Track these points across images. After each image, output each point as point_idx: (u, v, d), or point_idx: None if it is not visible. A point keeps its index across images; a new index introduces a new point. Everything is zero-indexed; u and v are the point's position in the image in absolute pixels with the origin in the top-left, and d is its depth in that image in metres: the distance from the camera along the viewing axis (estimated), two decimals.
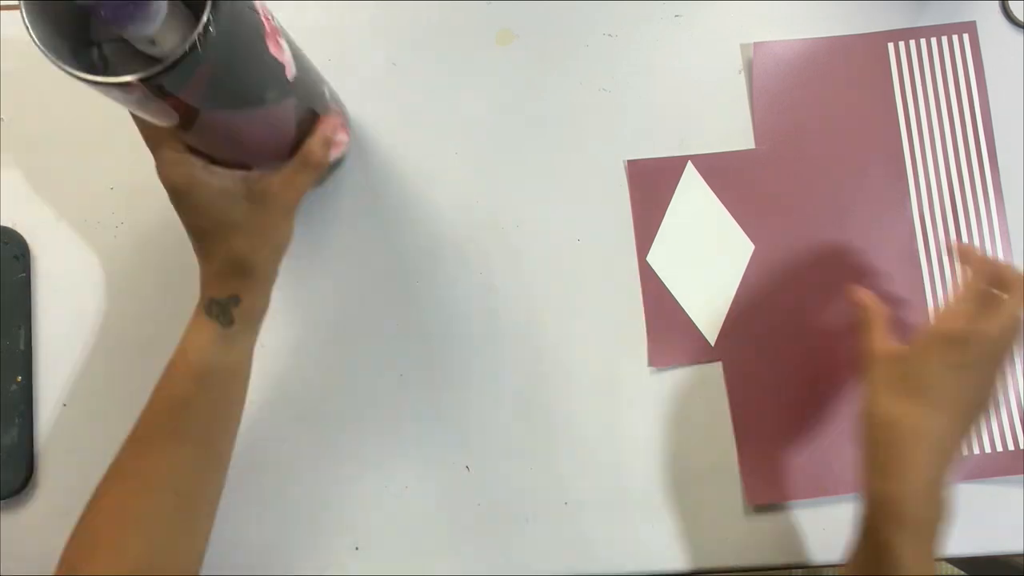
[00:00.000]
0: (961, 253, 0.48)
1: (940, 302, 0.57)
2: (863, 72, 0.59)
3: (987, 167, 0.58)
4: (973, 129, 0.58)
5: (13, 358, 0.56)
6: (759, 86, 0.58)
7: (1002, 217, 0.57)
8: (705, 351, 0.57)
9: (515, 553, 0.55)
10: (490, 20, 0.59)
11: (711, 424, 0.56)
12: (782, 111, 0.58)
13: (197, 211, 0.43)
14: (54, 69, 0.34)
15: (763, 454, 0.55)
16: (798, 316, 0.57)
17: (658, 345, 0.57)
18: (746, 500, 0.55)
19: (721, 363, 0.56)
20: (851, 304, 0.52)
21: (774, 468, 0.55)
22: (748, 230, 0.57)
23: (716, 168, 0.58)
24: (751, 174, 0.58)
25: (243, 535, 0.55)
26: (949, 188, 0.58)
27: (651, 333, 0.57)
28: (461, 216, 0.58)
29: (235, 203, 0.43)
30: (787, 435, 0.56)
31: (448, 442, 0.56)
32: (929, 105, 0.58)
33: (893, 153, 0.58)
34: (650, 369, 0.56)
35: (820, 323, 0.57)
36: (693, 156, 0.58)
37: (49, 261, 0.58)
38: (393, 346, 0.57)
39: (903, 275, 0.57)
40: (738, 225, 0.57)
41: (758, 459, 0.55)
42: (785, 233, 0.57)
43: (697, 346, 0.57)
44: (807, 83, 0.58)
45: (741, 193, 0.58)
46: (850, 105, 0.58)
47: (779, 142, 0.58)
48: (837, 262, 0.57)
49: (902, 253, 0.57)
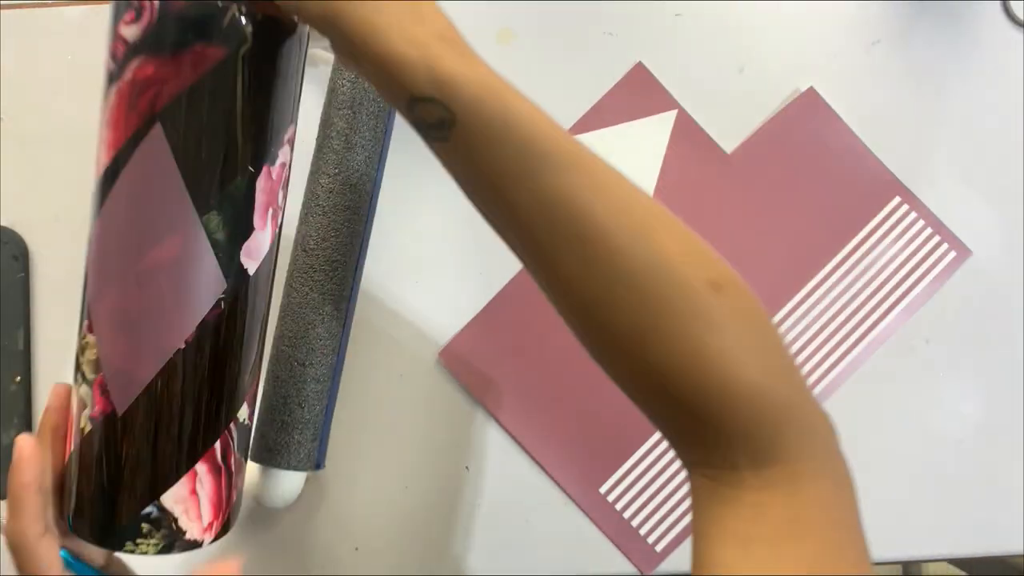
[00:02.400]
0: None
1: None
2: (860, 194, 0.58)
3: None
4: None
5: (12, 358, 0.56)
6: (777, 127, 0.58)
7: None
8: None
9: (515, 553, 0.55)
10: (490, 20, 0.59)
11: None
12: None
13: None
14: (54, 69, 0.33)
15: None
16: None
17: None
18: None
19: None
20: None
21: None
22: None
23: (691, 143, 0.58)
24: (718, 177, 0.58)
25: (244, 535, 0.55)
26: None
27: None
28: (461, 216, 0.58)
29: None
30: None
31: (448, 442, 0.56)
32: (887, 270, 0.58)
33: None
34: None
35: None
36: None
37: (48, 261, 0.58)
38: (393, 345, 0.57)
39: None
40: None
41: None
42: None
43: None
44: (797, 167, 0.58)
45: None
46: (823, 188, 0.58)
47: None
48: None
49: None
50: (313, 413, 0.46)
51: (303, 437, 0.47)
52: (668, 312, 0.30)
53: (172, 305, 0.36)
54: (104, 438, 0.37)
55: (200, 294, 0.36)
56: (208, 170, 0.35)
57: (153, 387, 0.36)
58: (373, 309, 0.57)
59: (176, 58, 0.34)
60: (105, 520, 0.37)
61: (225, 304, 0.37)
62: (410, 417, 0.56)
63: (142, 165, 0.35)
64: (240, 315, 0.38)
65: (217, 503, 0.39)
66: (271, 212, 0.38)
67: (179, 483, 0.37)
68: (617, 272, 0.30)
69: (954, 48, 0.60)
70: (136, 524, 0.37)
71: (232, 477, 0.40)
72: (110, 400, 0.36)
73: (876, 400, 0.57)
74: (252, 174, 0.36)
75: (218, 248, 0.36)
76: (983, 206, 0.58)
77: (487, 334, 0.56)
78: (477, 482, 0.56)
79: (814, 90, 0.58)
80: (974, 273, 0.58)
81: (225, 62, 0.34)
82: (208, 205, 0.35)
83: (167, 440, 0.37)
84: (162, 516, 0.37)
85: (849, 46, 0.60)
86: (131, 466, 0.36)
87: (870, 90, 0.59)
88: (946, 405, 0.57)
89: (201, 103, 0.34)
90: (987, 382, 0.57)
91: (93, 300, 0.38)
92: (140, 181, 0.35)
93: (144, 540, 0.37)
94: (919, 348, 0.57)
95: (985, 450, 0.56)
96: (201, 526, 0.38)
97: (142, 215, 0.35)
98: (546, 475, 0.55)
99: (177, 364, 0.36)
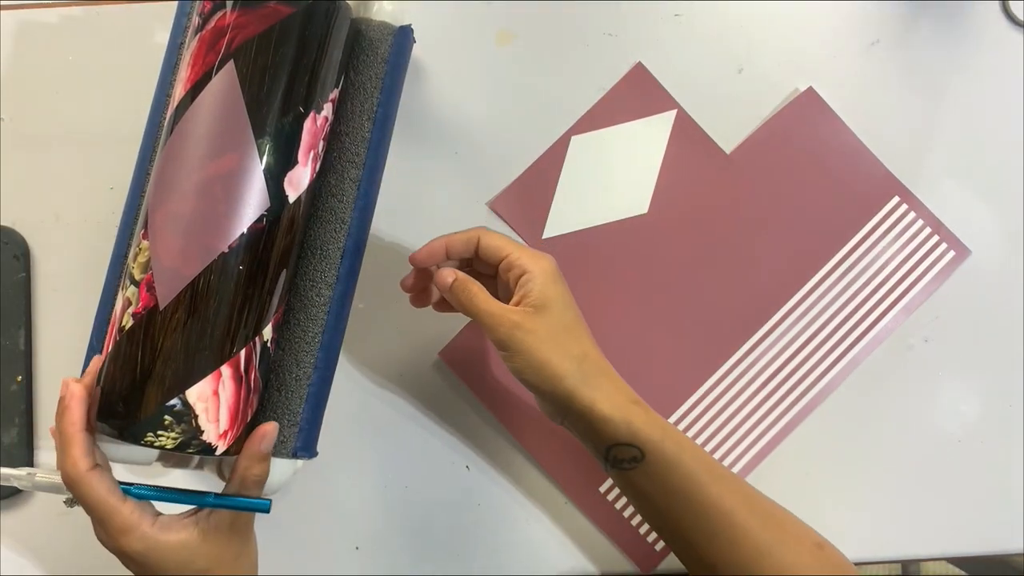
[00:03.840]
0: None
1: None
2: (860, 197, 0.58)
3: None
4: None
5: (13, 358, 0.56)
6: (775, 127, 0.58)
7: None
8: None
9: (515, 553, 0.55)
10: (490, 20, 0.59)
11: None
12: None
13: (161, 571, 0.42)
14: (54, 69, 0.34)
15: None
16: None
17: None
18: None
19: None
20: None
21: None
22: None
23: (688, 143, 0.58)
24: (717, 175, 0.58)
25: None
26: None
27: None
28: (461, 215, 0.58)
29: (195, 553, 0.42)
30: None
31: (448, 442, 0.56)
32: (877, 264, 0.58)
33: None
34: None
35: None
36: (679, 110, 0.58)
37: (49, 261, 0.58)
38: (393, 345, 0.57)
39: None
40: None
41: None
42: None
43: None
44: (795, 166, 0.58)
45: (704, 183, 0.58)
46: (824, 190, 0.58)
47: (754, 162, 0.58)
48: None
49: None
50: (291, 399, 0.46)
51: (280, 423, 0.46)
52: (793, 568, 0.43)
53: (223, 211, 0.41)
54: (144, 330, 0.41)
55: (248, 206, 0.42)
56: (267, 102, 0.42)
57: (195, 284, 0.41)
58: (373, 309, 0.57)
59: (254, 10, 0.42)
60: (133, 409, 0.40)
61: (267, 222, 0.42)
62: (410, 417, 0.56)
63: (214, 93, 0.42)
64: (278, 236, 0.43)
65: (235, 412, 0.42)
66: (312, 154, 0.45)
67: (205, 380, 0.41)
68: (757, 547, 0.43)
69: (954, 48, 0.60)
70: (160, 415, 0.40)
71: (250, 393, 0.43)
72: (154, 295, 0.41)
73: (875, 399, 0.57)
74: (301, 114, 0.44)
75: (267, 170, 0.42)
76: (982, 206, 0.58)
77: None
78: (477, 482, 0.56)
79: (814, 90, 0.58)
80: (973, 273, 0.58)
81: (292, 17, 0.43)
82: (264, 131, 0.42)
83: (200, 336, 0.41)
84: (185, 410, 0.40)
85: (849, 46, 0.60)
86: (164, 357, 0.40)
87: (870, 90, 0.59)
88: (945, 404, 0.57)
89: (268, 48, 0.42)
90: (986, 381, 0.57)
91: (153, 208, 0.42)
92: (211, 106, 0.42)
93: (165, 432, 0.40)
94: (918, 347, 0.57)
95: (984, 449, 0.56)
96: (218, 430, 0.42)
97: (209, 133, 0.42)
98: (546, 475, 0.55)
99: (219, 265, 0.41)
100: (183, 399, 0.40)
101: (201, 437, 0.41)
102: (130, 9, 0.60)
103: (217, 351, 0.41)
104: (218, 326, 0.41)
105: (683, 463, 0.43)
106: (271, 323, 0.44)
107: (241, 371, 0.42)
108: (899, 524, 0.56)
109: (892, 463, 0.56)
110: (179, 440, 0.40)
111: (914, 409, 0.57)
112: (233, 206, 0.41)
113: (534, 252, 0.46)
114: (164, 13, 0.58)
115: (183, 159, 0.42)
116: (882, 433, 0.56)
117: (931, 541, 0.56)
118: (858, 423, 0.56)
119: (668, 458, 0.43)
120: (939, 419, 0.57)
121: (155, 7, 0.59)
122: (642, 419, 0.44)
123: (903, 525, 0.56)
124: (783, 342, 0.57)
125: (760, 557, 0.42)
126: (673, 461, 0.43)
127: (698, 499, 0.43)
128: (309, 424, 0.47)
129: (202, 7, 0.44)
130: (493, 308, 0.45)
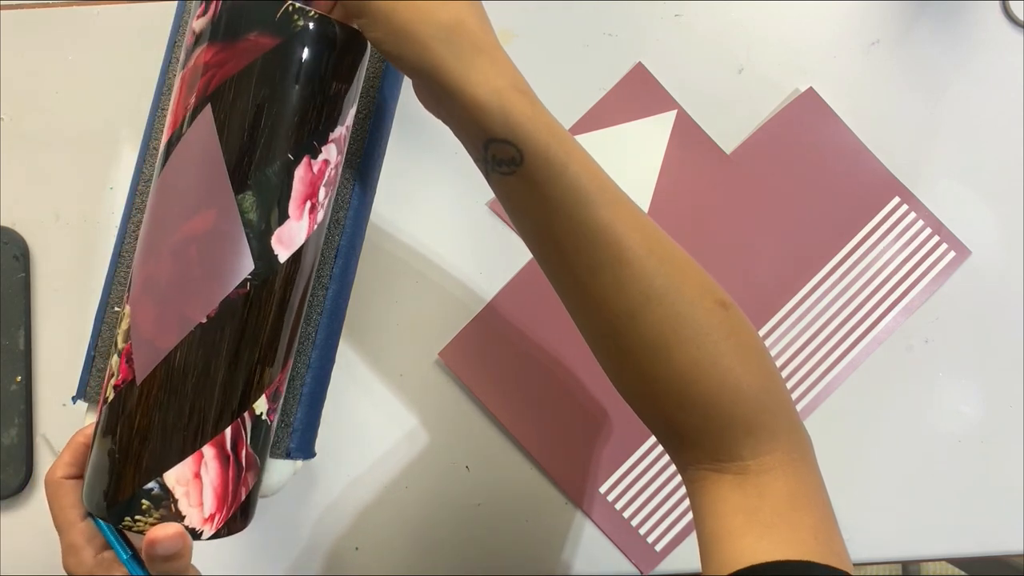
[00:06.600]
0: None
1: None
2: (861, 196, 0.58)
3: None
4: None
5: (13, 358, 0.56)
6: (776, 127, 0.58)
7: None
8: None
9: (515, 553, 0.55)
10: (490, 20, 0.59)
11: None
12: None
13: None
14: (54, 69, 0.34)
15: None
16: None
17: None
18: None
19: None
20: None
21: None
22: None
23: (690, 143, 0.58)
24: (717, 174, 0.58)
25: (243, 535, 0.55)
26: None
27: None
28: (461, 216, 0.58)
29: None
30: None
31: (448, 442, 0.56)
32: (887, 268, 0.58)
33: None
34: None
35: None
36: None
37: (49, 261, 0.58)
38: (393, 345, 0.57)
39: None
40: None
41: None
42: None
43: None
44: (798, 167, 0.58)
45: None
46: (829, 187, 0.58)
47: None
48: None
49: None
50: (285, 399, 0.44)
51: (275, 423, 0.45)
52: (688, 324, 0.36)
53: (199, 277, 0.37)
54: (121, 406, 0.38)
55: (227, 270, 0.37)
56: (248, 151, 0.37)
57: (171, 358, 0.37)
58: (373, 309, 0.57)
59: (232, 45, 0.37)
60: (110, 490, 0.37)
61: (252, 287, 0.38)
62: (410, 417, 0.56)
63: (190, 142, 0.38)
64: (267, 302, 0.38)
65: (222, 495, 0.39)
66: (309, 205, 0.39)
67: (184, 463, 0.37)
68: (646, 292, 0.36)
69: (953, 48, 0.60)
70: (138, 499, 0.37)
71: (242, 472, 0.39)
72: (132, 368, 0.38)
73: (875, 399, 0.57)
74: (291, 162, 0.38)
75: (250, 228, 0.37)
76: (982, 206, 0.58)
77: (487, 334, 0.56)
78: (477, 482, 0.56)
79: (814, 90, 0.58)
80: (973, 273, 0.58)
81: (274, 52, 0.37)
82: (245, 184, 0.37)
83: (179, 415, 0.37)
84: (163, 494, 0.37)
85: (849, 46, 0.60)
86: (140, 437, 0.37)
87: (869, 90, 0.59)
88: (945, 405, 0.57)
89: (248, 88, 0.37)
90: (986, 382, 0.57)
91: (135, 270, 0.39)
92: (186, 156, 0.38)
93: (143, 517, 0.37)
94: (918, 348, 0.57)
95: (984, 450, 0.56)
96: (202, 515, 0.38)
97: (184, 188, 0.38)
98: (546, 475, 0.55)
99: (196, 338, 0.37)
100: (160, 482, 0.37)
101: (183, 523, 0.37)
102: (130, 9, 0.60)
103: (196, 431, 0.37)
104: (196, 404, 0.37)
105: (569, 174, 0.35)
106: (265, 395, 0.40)
107: (228, 450, 0.38)
108: (899, 524, 0.56)
109: (892, 463, 0.56)
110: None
111: (914, 409, 0.57)
112: (210, 270, 0.37)
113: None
114: (164, 13, 0.58)
115: (160, 217, 0.38)
116: (882, 433, 0.56)
117: (931, 541, 0.56)
118: (858, 423, 0.56)
119: (552, 165, 0.35)
120: (939, 419, 0.57)
121: (155, 7, 0.59)
122: (524, 112, 0.35)
123: (903, 525, 0.56)
124: (783, 343, 0.57)
125: (648, 303, 0.36)
126: (557, 169, 0.35)
127: (582, 220, 0.36)
128: (304, 425, 0.46)
129: (188, 40, 0.39)
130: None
